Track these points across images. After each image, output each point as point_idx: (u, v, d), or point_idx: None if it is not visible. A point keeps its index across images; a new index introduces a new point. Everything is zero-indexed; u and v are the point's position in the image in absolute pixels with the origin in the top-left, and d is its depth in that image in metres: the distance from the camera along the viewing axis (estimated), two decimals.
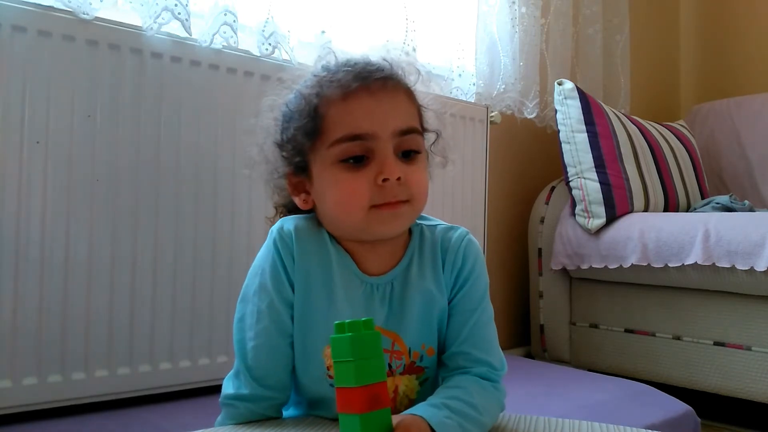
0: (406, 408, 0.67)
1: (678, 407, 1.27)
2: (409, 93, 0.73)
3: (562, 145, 1.88)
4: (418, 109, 0.74)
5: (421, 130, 0.72)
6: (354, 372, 0.56)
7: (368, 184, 0.67)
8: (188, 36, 1.22)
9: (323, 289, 0.71)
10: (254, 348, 0.71)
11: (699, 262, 1.55)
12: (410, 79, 0.74)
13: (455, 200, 1.70)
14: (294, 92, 0.73)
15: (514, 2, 1.91)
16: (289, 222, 0.73)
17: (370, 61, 0.72)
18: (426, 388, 0.74)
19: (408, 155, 0.70)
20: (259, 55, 1.32)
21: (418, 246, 0.75)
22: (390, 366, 0.71)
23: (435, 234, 0.75)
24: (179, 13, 1.18)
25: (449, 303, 0.74)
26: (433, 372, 0.75)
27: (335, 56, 0.73)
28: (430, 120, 0.76)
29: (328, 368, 0.72)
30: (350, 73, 0.69)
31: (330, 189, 0.69)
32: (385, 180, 0.66)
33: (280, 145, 0.72)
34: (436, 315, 0.73)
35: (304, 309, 0.72)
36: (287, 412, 0.79)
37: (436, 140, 0.77)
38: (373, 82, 0.69)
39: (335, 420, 0.65)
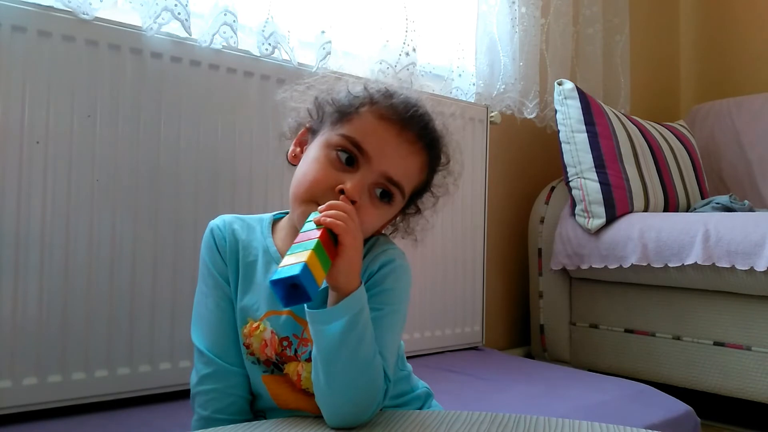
0: (312, 393, 0.71)
1: (678, 407, 1.27)
2: (426, 166, 0.78)
3: (562, 145, 1.88)
4: (422, 181, 0.79)
5: (406, 194, 0.77)
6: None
7: (331, 183, 0.71)
8: (188, 36, 1.22)
9: (245, 271, 0.78)
10: (207, 325, 0.78)
11: (699, 262, 1.55)
12: (440, 159, 0.80)
13: (455, 200, 1.70)
14: (364, 83, 0.78)
15: (514, 2, 1.91)
16: (224, 216, 0.83)
17: (429, 121, 0.76)
18: None
19: (382, 197, 0.74)
20: (259, 55, 1.32)
21: None
22: (296, 351, 0.74)
23: (376, 243, 0.78)
24: (179, 13, 1.18)
25: None
26: None
27: (415, 87, 0.80)
28: (426, 200, 0.82)
29: (246, 346, 0.76)
30: (406, 111, 0.74)
31: (309, 159, 0.75)
32: (342, 192, 0.71)
33: (320, 102, 0.78)
34: None
35: (232, 287, 0.78)
36: None
37: (414, 214, 0.82)
38: (411, 131, 0.74)
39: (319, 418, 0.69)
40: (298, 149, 0.80)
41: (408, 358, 0.90)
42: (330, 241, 0.65)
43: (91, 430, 1.02)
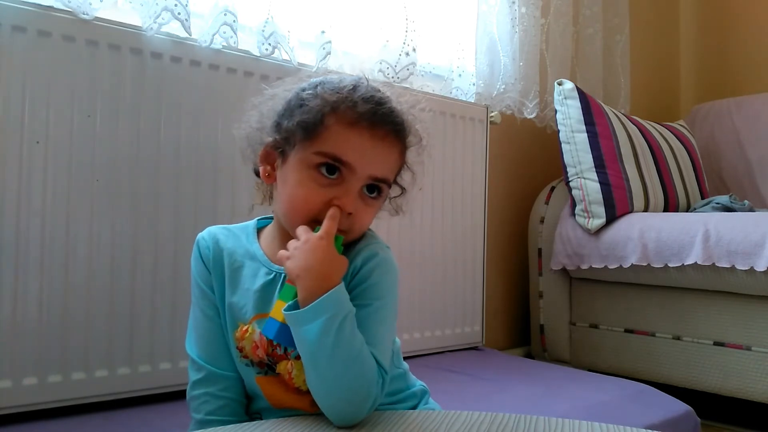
0: (305, 391, 0.73)
1: (678, 407, 1.27)
2: (402, 151, 0.79)
3: (562, 145, 1.88)
4: (402, 165, 0.81)
5: (391, 183, 0.79)
6: None
7: (323, 201, 0.73)
8: (188, 36, 1.22)
9: (231, 278, 0.79)
10: (196, 333, 0.81)
11: (699, 262, 1.55)
12: (411, 139, 0.80)
13: (455, 200, 1.70)
14: (315, 87, 0.76)
15: (514, 2, 1.91)
16: (210, 227, 0.84)
17: (393, 108, 0.76)
18: None
19: (372, 191, 0.76)
20: (259, 55, 1.32)
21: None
22: (286, 350, 0.75)
23: (359, 242, 0.79)
24: (179, 13, 1.18)
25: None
26: None
27: (367, 80, 0.77)
28: (405, 177, 0.83)
29: (239, 350, 0.78)
30: (370, 110, 0.73)
31: (293, 183, 0.75)
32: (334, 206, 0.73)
33: (278, 123, 0.77)
34: None
35: (219, 295, 0.80)
36: None
37: (400, 195, 0.84)
38: (381, 128, 0.74)
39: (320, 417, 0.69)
40: (268, 167, 0.79)
41: (408, 358, 0.90)
42: None
43: (91, 430, 1.02)
